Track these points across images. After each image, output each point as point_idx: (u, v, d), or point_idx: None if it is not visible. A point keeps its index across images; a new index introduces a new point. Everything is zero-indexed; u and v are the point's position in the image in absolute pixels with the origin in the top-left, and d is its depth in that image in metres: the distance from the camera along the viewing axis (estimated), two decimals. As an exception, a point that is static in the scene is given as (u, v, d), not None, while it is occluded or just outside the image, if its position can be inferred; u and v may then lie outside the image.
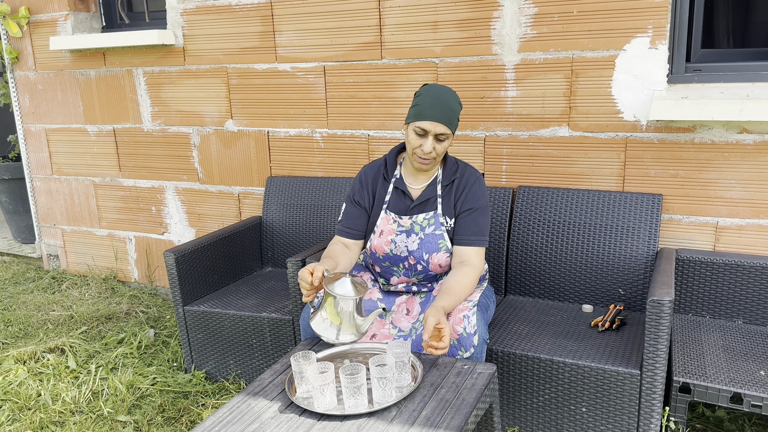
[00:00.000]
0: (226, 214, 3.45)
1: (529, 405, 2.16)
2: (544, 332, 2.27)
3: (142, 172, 3.62)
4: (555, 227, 2.55)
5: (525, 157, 2.68)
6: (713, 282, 2.36)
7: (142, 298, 3.65)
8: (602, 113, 2.51)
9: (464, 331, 1.90)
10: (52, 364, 2.89)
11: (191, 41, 3.25)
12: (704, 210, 2.44)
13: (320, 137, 3.09)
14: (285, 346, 2.55)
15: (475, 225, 2.10)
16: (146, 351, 3.03)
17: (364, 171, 2.23)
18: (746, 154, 2.34)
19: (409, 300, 2.18)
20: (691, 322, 2.36)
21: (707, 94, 2.33)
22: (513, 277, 2.63)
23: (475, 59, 2.67)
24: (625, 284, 2.44)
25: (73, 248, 4.02)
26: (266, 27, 3.05)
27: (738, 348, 2.14)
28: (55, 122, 3.81)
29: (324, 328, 1.84)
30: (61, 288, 3.84)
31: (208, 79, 3.27)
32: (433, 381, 1.72)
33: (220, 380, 2.74)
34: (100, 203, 3.82)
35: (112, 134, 3.64)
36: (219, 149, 3.36)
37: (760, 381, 1.90)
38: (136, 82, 3.47)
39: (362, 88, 2.92)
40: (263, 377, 1.79)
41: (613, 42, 2.43)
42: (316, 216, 3.04)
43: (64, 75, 3.69)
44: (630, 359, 2.03)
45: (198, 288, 2.78)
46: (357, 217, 2.19)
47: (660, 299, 1.88)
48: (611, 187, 2.56)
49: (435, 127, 1.99)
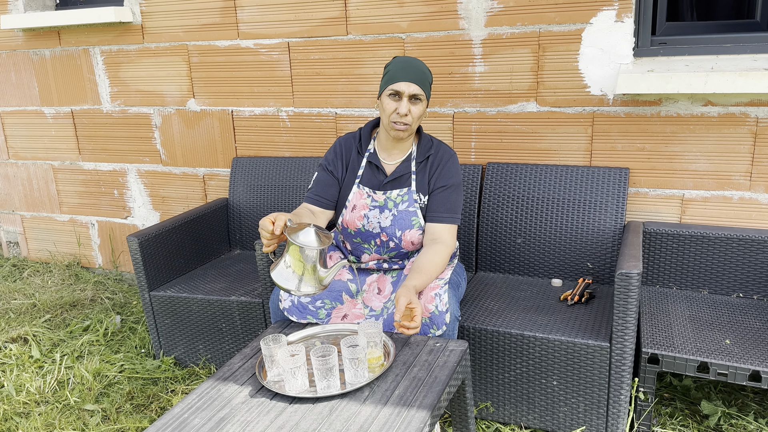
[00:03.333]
0: (191, 196, 3.37)
1: (501, 380, 2.18)
2: (515, 307, 2.28)
3: (102, 154, 3.51)
4: (524, 203, 2.55)
5: (493, 133, 2.67)
6: (680, 254, 2.39)
7: (107, 284, 3.57)
8: (569, 88, 2.51)
9: (436, 309, 1.90)
10: (15, 354, 2.81)
11: (150, 18, 3.14)
12: (670, 183, 2.47)
13: (286, 116, 3.03)
14: (255, 329, 2.51)
15: (448, 202, 2.08)
16: (113, 338, 2.97)
17: (339, 141, 2.19)
18: (711, 126, 2.36)
19: (380, 279, 2.16)
20: (658, 294, 2.39)
21: (673, 67, 2.33)
22: (483, 254, 2.63)
23: (442, 34, 2.63)
24: (594, 258, 2.46)
25: (33, 234, 3.90)
26: (227, 2, 2.96)
27: (704, 318, 2.18)
28: (9, 105, 3.66)
29: (285, 278, 1.71)
30: (23, 276, 3.73)
31: (168, 57, 3.17)
32: (406, 360, 1.71)
33: (189, 365, 2.70)
34: (60, 188, 3.70)
35: (70, 116, 3.52)
36: (182, 130, 3.27)
37: (725, 350, 1.94)
38: (94, 62, 3.35)
39: (328, 64, 2.87)
40: (233, 362, 1.76)
41: (579, 15, 2.42)
42: (284, 196, 2.99)
43: (17, 55, 3.54)
44: (599, 332, 2.05)
45: (164, 272, 2.72)
46: (328, 185, 2.15)
47: (628, 272, 1.89)
48: (579, 162, 2.57)
49: (408, 87, 1.96)
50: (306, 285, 1.72)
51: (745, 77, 2.15)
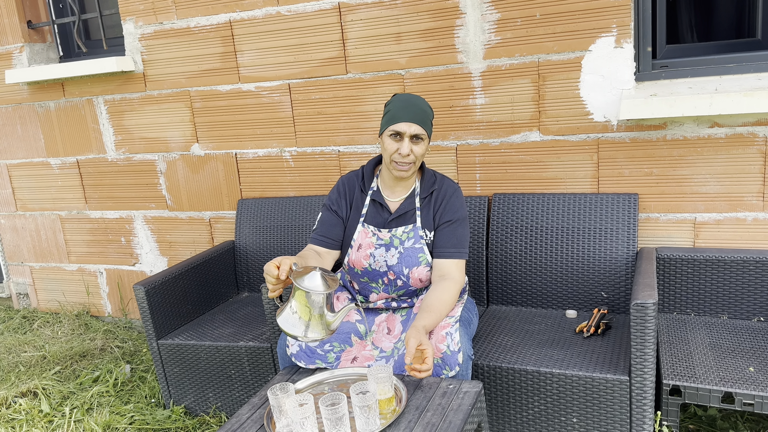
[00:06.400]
0: (198, 240, 3.36)
1: (519, 419, 2.11)
2: (529, 342, 2.22)
3: (108, 202, 3.52)
4: (533, 233, 2.51)
5: (498, 164, 2.64)
6: (695, 279, 2.33)
7: (116, 333, 3.54)
8: (572, 116, 2.48)
9: (448, 349, 1.85)
10: (24, 409, 2.77)
11: (151, 66, 3.17)
12: (681, 207, 2.42)
13: (290, 156, 3.02)
14: (265, 374, 2.47)
15: (454, 237, 2.05)
16: (123, 388, 2.92)
17: (342, 180, 2.17)
18: (719, 148, 2.32)
19: (390, 318, 2.12)
20: (676, 321, 2.33)
21: (676, 90, 2.31)
22: (494, 287, 2.58)
23: (441, 68, 2.63)
24: (607, 287, 2.40)
25: (42, 285, 3.89)
26: (227, 47, 2.98)
27: (725, 345, 2.11)
28: (16, 157, 3.69)
29: (291, 324, 1.67)
30: (33, 327, 3.71)
31: (170, 103, 3.19)
32: (418, 404, 1.66)
33: (200, 414, 2.64)
34: (68, 237, 3.70)
35: (75, 166, 3.54)
36: (186, 174, 3.27)
37: (750, 378, 1.87)
38: (98, 111, 3.38)
39: (329, 103, 2.87)
40: (241, 413, 1.71)
41: (578, 43, 2.41)
42: (290, 236, 2.97)
43: (22, 108, 3.58)
44: (618, 365, 1.98)
45: (172, 319, 2.69)
46: (333, 225, 2.12)
47: (643, 302, 1.84)
48: (586, 189, 2.53)
49: (409, 127, 1.94)
50: (313, 331, 1.68)
51: (751, 97, 2.12)
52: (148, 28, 3.11)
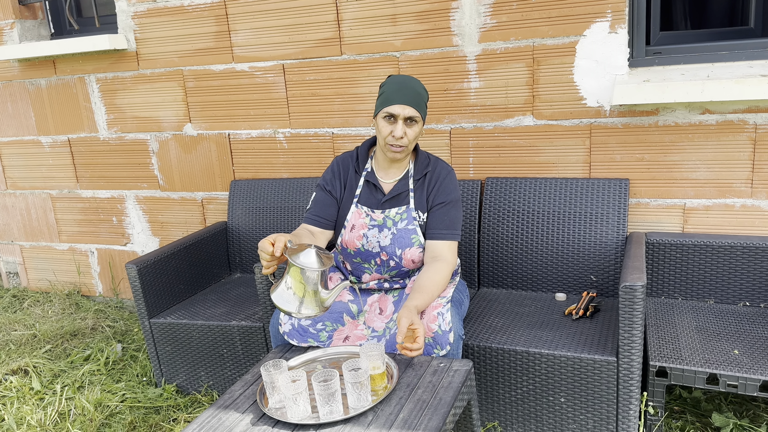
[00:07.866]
0: (190, 221, 3.36)
1: (508, 398, 2.14)
2: (519, 323, 2.25)
3: (100, 182, 3.51)
4: (524, 217, 2.53)
5: (491, 148, 2.66)
6: (683, 263, 2.37)
7: (108, 312, 3.54)
8: (566, 100, 2.50)
9: (439, 328, 1.87)
10: (15, 386, 2.77)
11: (144, 45, 3.15)
12: (671, 192, 2.45)
13: (283, 137, 3.02)
14: (257, 353, 2.48)
15: (447, 219, 2.06)
16: (114, 367, 2.93)
17: (336, 161, 2.18)
18: (709, 135, 2.35)
19: (382, 299, 2.14)
20: (664, 305, 2.36)
21: (668, 76, 2.32)
22: (485, 270, 2.60)
23: (436, 51, 2.63)
24: (597, 270, 2.43)
25: (33, 264, 3.88)
26: (221, 27, 2.96)
27: (711, 328, 2.14)
28: (6, 135, 3.67)
29: (285, 300, 1.68)
30: (23, 306, 3.71)
31: (163, 83, 3.17)
32: (409, 382, 1.68)
33: (192, 393, 2.66)
34: (59, 216, 3.69)
35: (67, 144, 3.52)
36: (179, 154, 3.26)
37: (734, 360, 1.91)
38: (89, 90, 3.35)
39: (323, 85, 2.86)
40: (234, 389, 1.73)
41: (572, 28, 2.41)
42: (283, 218, 2.97)
43: (13, 86, 3.55)
44: (606, 346, 2.02)
45: (164, 299, 2.70)
46: (327, 205, 2.13)
47: (632, 284, 1.86)
48: (578, 174, 2.55)
49: (403, 110, 1.95)
50: (307, 307, 1.69)
51: (742, 84, 2.14)
52: (141, 6, 3.09)
